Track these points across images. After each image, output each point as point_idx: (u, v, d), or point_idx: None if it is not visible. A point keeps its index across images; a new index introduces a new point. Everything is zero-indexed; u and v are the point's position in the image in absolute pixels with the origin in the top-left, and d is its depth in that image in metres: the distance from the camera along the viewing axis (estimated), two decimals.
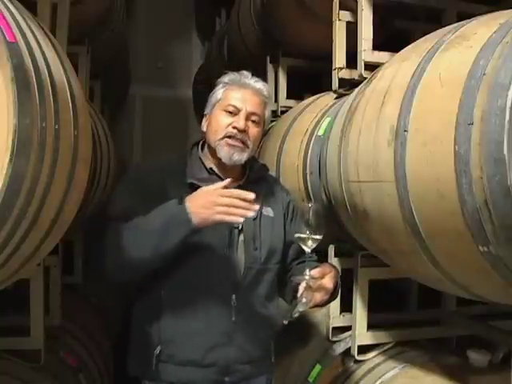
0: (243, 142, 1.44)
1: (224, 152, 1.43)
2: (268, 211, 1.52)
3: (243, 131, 1.43)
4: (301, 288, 1.27)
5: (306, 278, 1.27)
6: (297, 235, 1.30)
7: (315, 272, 1.29)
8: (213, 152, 1.48)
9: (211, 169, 1.48)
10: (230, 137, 1.43)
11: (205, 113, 1.54)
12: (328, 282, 1.31)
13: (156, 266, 1.35)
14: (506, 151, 0.98)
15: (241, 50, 3.83)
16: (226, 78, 1.51)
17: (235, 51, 4.05)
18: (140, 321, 1.47)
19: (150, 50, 5.90)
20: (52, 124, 1.02)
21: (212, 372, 1.41)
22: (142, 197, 1.37)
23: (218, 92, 1.50)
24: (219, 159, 1.45)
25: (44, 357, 1.84)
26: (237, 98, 1.46)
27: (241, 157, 1.44)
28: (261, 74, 3.19)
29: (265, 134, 2.89)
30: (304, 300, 1.26)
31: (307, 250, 1.29)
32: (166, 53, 6.00)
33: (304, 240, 1.28)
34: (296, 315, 1.26)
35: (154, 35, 5.82)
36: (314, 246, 1.29)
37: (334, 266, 1.46)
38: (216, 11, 5.78)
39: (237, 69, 1.56)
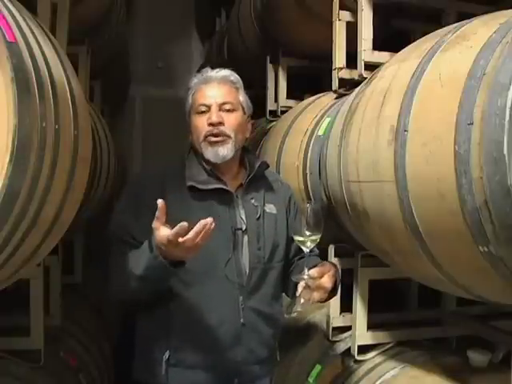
0: (223, 135, 1.41)
1: (209, 152, 1.42)
2: (271, 208, 1.51)
3: (219, 123, 1.41)
4: (299, 287, 1.27)
5: (305, 277, 1.27)
6: (295, 236, 1.30)
7: (314, 272, 1.29)
8: (203, 157, 1.45)
9: (211, 170, 1.46)
10: (208, 135, 1.41)
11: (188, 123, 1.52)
12: (327, 281, 1.31)
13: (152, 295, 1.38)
14: (505, 151, 0.98)
15: (241, 50, 3.83)
16: (191, 83, 1.51)
17: (235, 51, 4.05)
18: (146, 326, 1.46)
19: (150, 50, 5.89)
20: (52, 124, 1.02)
21: (222, 374, 1.42)
22: (141, 209, 1.37)
23: (188, 99, 1.49)
24: (209, 161, 1.44)
25: (44, 357, 1.83)
26: (204, 96, 1.45)
27: (226, 150, 1.42)
28: (261, 74, 3.23)
29: (265, 133, 2.89)
30: (302, 300, 1.26)
31: (306, 249, 1.29)
32: (166, 53, 6.00)
33: (303, 240, 1.28)
34: (294, 314, 1.27)
35: (154, 35, 5.81)
36: (313, 246, 1.29)
37: (334, 264, 1.46)
38: (216, 11, 5.77)
39: (237, 69, 1.56)
